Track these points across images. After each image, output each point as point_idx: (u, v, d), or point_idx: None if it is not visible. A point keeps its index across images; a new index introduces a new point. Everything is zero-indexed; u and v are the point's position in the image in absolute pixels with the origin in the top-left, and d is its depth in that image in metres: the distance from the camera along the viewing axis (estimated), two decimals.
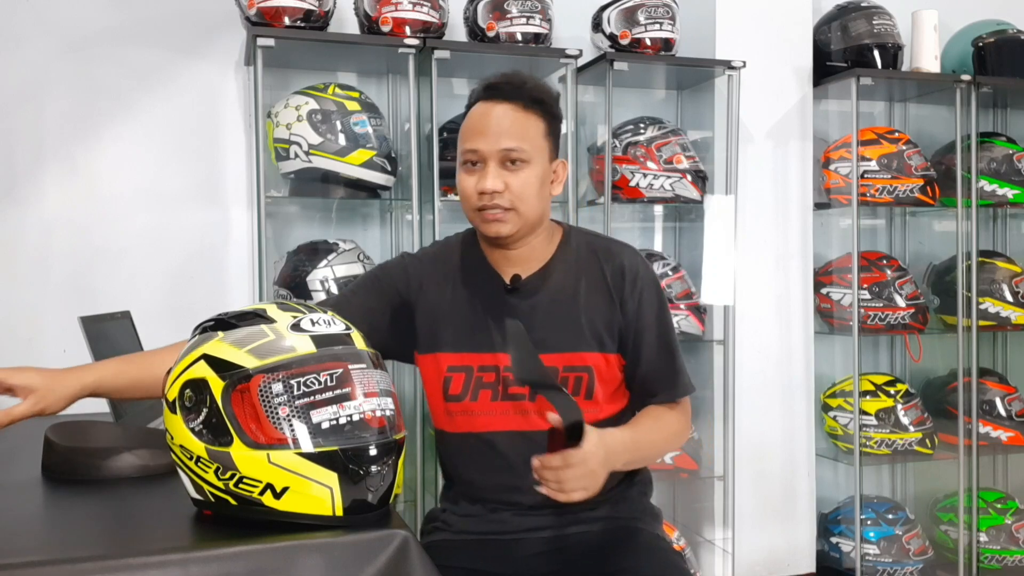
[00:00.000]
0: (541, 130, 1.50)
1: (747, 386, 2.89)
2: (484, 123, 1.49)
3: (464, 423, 1.54)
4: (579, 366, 1.51)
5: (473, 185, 1.48)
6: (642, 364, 1.55)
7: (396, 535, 1.11)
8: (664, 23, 2.69)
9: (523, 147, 1.47)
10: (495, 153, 1.47)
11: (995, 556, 3.07)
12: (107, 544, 1.15)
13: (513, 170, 1.47)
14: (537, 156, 1.49)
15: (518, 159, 1.47)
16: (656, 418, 1.54)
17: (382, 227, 2.81)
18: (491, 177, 1.46)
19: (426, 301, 1.56)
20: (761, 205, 2.93)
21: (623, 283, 1.54)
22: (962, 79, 3.02)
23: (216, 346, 1.16)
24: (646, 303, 1.55)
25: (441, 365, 1.54)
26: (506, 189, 1.46)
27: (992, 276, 3.11)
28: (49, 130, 2.55)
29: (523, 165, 1.47)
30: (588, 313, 1.53)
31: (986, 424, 3.10)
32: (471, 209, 1.50)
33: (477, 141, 1.48)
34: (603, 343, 1.53)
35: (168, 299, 2.60)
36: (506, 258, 1.55)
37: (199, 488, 1.16)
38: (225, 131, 2.69)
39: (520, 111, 1.49)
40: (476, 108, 1.53)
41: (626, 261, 1.56)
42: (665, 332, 1.57)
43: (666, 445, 1.59)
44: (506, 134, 1.47)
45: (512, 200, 1.47)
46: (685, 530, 2.87)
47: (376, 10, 2.50)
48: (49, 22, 2.55)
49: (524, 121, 1.49)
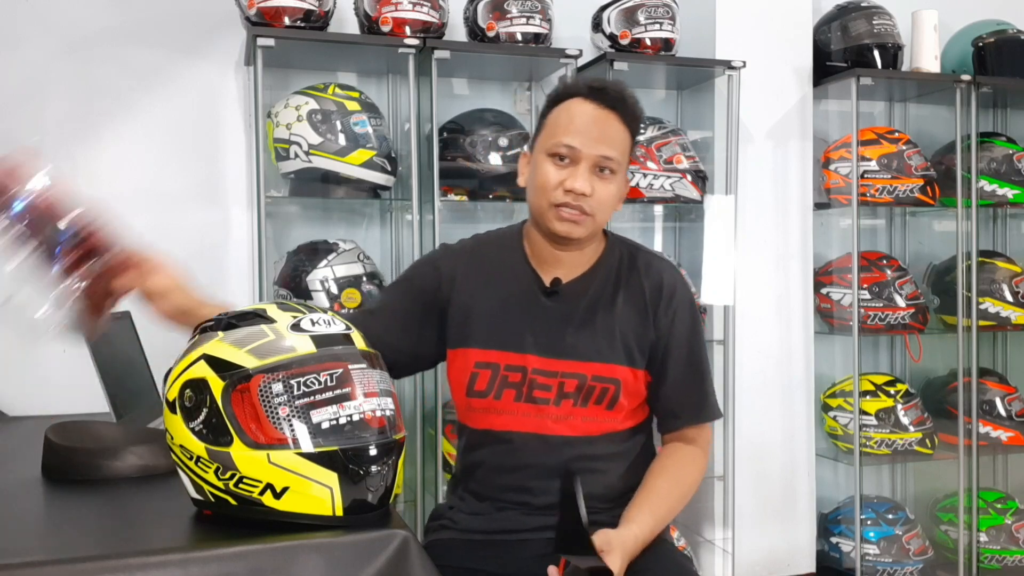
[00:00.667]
0: (629, 146, 1.51)
1: (747, 386, 2.89)
2: (586, 123, 1.47)
3: (483, 420, 1.54)
4: (607, 377, 1.51)
5: (559, 179, 1.46)
6: (668, 382, 1.54)
7: (396, 535, 1.12)
8: (664, 23, 2.69)
9: (616, 157, 1.47)
10: (592, 156, 1.46)
11: (995, 556, 3.07)
12: (107, 544, 1.15)
13: (602, 178, 1.47)
14: (621, 170, 1.50)
15: (609, 168, 1.47)
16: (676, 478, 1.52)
17: (382, 227, 2.81)
18: (582, 179, 1.45)
19: (458, 295, 1.56)
20: (761, 205, 2.93)
21: (660, 299, 1.54)
22: (962, 79, 3.02)
23: (216, 346, 1.16)
24: (679, 321, 1.54)
25: (469, 360, 1.53)
26: (592, 194, 1.46)
27: (992, 276, 3.11)
28: (49, 130, 2.55)
29: (611, 176, 1.48)
30: (622, 325, 1.52)
31: (986, 424, 3.10)
32: (547, 202, 1.48)
33: (576, 139, 1.46)
34: (633, 357, 1.52)
35: None
36: (554, 259, 1.55)
37: (199, 488, 1.16)
38: (225, 131, 2.68)
39: (620, 123, 1.49)
40: (577, 105, 1.49)
41: (665, 277, 1.56)
42: (695, 353, 1.56)
43: (684, 503, 1.55)
44: (607, 141, 1.47)
45: (593, 207, 1.47)
46: (685, 530, 2.87)
47: (376, 10, 2.50)
48: (49, 22, 2.55)
49: (622, 134, 1.49)
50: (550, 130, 1.50)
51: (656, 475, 1.52)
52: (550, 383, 1.51)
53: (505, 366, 1.51)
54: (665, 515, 1.49)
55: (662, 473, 1.52)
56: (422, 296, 1.58)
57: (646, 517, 1.44)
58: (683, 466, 1.54)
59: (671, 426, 1.57)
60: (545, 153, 1.49)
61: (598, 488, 1.51)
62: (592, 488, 1.51)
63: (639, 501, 1.48)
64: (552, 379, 1.51)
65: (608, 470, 1.53)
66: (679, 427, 1.57)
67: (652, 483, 1.51)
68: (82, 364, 1.84)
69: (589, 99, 1.48)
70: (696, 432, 1.58)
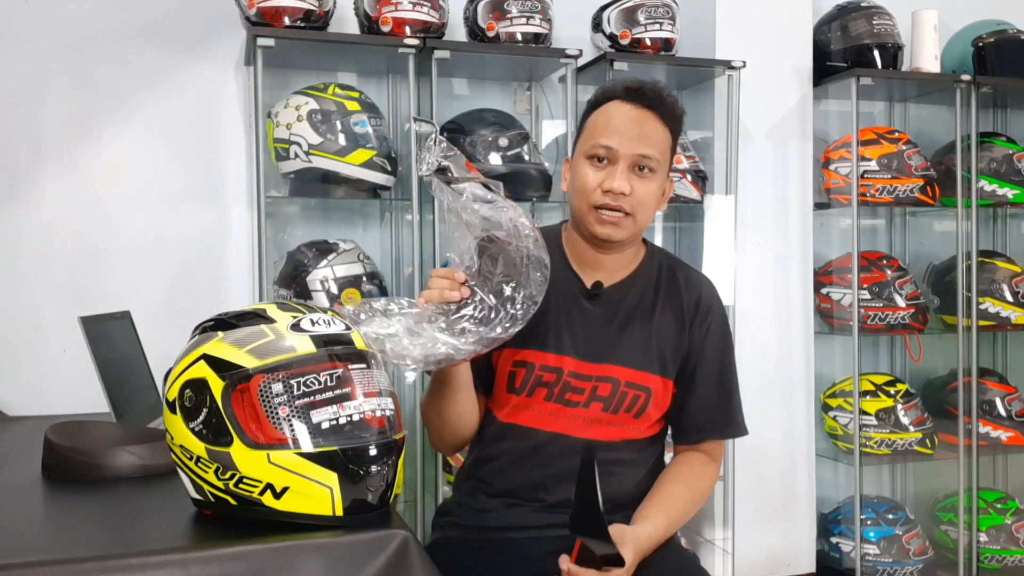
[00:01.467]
0: (669, 144, 1.51)
1: (747, 386, 2.86)
2: (624, 123, 1.47)
3: (512, 414, 1.54)
4: (640, 384, 1.52)
5: (598, 181, 1.47)
6: (695, 396, 1.55)
7: (396, 535, 1.12)
8: (664, 23, 2.69)
9: (656, 156, 1.47)
10: (630, 156, 1.47)
11: (995, 556, 3.07)
12: (107, 544, 1.15)
13: (641, 176, 1.47)
14: (661, 169, 1.50)
15: (648, 167, 1.47)
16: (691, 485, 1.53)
17: (382, 227, 2.81)
18: (621, 178, 1.45)
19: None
20: (761, 205, 2.93)
21: (696, 313, 1.56)
22: (962, 79, 3.02)
23: (216, 346, 1.16)
24: (712, 336, 1.56)
25: (508, 359, 1.53)
26: (632, 193, 1.46)
27: (992, 276, 3.11)
28: (49, 130, 2.55)
29: (651, 175, 1.48)
30: (659, 335, 1.53)
31: (986, 424, 3.10)
32: (587, 204, 1.49)
33: (613, 139, 1.47)
34: (666, 368, 1.53)
35: (168, 299, 2.60)
36: (595, 262, 1.55)
37: (199, 488, 1.16)
38: (225, 131, 2.69)
39: (658, 120, 1.48)
40: (614, 107, 1.50)
41: (704, 293, 1.58)
42: (725, 370, 1.58)
43: (695, 510, 1.56)
44: (645, 140, 1.47)
45: (634, 206, 1.47)
46: (685, 530, 2.87)
47: (376, 10, 2.50)
48: (49, 22, 2.55)
49: (661, 132, 1.49)
50: (588, 133, 1.51)
51: (672, 480, 1.53)
52: (584, 387, 1.51)
53: (540, 366, 1.52)
54: (677, 520, 1.50)
55: (679, 479, 1.54)
56: None
57: (660, 518, 1.45)
58: (698, 475, 1.55)
59: (692, 439, 1.58)
60: (584, 156, 1.50)
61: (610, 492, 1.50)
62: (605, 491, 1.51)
63: (654, 502, 1.48)
64: (586, 383, 1.51)
65: (623, 475, 1.53)
66: (700, 440, 1.57)
67: (668, 487, 1.52)
68: (82, 364, 1.84)
69: (626, 100, 1.49)
70: (713, 445, 1.59)
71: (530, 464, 1.52)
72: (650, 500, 1.49)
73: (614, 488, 1.51)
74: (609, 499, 1.47)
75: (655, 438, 1.58)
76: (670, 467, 1.57)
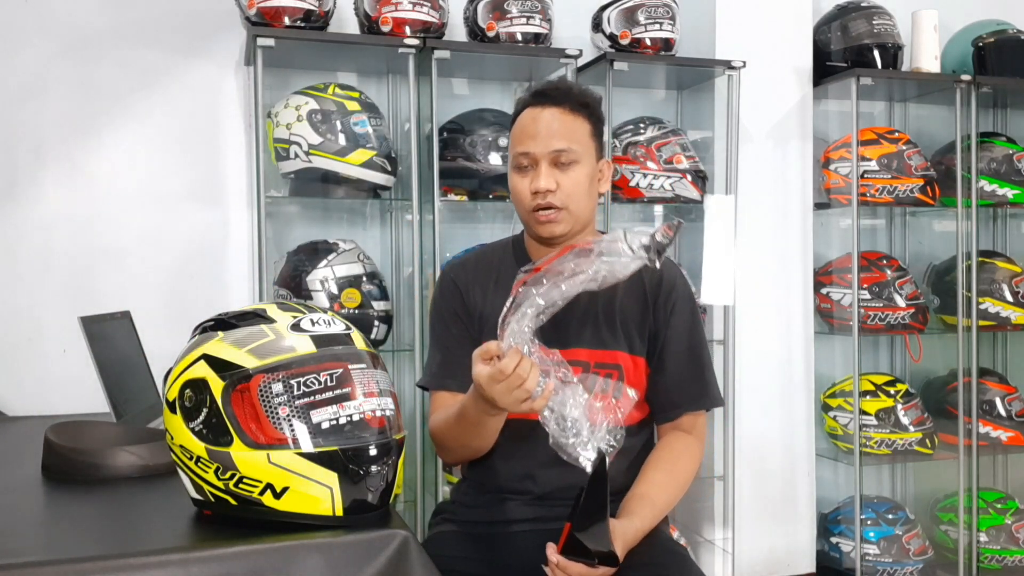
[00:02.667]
0: (587, 131, 1.56)
1: (747, 386, 2.89)
2: (535, 127, 1.55)
3: None
4: (609, 363, 1.55)
5: (527, 186, 1.54)
6: (667, 373, 1.58)
7: (396, 535, 1.12)
8: (664, 23, 2.69)
9: (572, 147, 1.53)
10: (546, 154, 1.53)
11: (995, 556, 3.07)
12: (107, 544, 1.15)
13: (563, 169, 1.54)
14: (585, 156, 1.55)
15: (568, 159, 1.53)
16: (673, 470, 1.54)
17: (382, 227, 2.81)
18: (543, 176, 1.52)
19: (474, 300, 1.62)
20: (761, 205, 2.93)
21: (659, 291, 1.59)
22: (962, 79, 3.02)
23: (216, 346, 1.16)
24: (678, 313, 1.59)
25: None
26: (558, 188, 1.53)
27: (992, 276, 3.11)
28: (49, 130, 2.55)
29: (573, 165, 1.54)
30: (623, 314, 1.57)
31: (986, 424, 3.10)
32: (525, 211, 1.57)
33: (528, 144, 1.54)
34: (633, 344, 1.57)
35: (168, 299, 2.60)
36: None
37: (199, 488, 1.16)
38: (225, 131, 2.69)
39: (568, 114, 1.55)
40: (525, 113, 1.58)
41: (666, 273, 1.60)
42: (695, 345, 1.60)
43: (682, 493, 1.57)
44: (556, 136, 1.53)
45: (564, 199, 1.53)
46: (685, 530, 2.87)
47: (376, 10, 2.50)
48: (49, 22, 2.55)
49: (572, 123, 1.55)
50: (510, 145, 1.59)
51: (654, 467, 1.54)
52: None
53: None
54: (663, 507, 1.51)
55: (660, 465, 1.55)
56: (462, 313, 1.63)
57: (646, 510, 1.46)
58: (680, 458, 1.56)
59: (670, 415, 1.60)
60: (512, 168, 1.58)
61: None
62: None
63: (639, 493, 1.50)
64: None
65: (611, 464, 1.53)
66: (678, 415, 1.59)
67: (651, 475, 1.53)
68: (82, 364, 1.84)
69: (534, 104, 1.57)
70: (692, 420, 1.60)
71: (516, 456, 1.55)
72: (635, 491, 1.51)
73: None
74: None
75: (641, 425, 1.60)
76: (652, 453, 1.58)
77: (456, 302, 1.63)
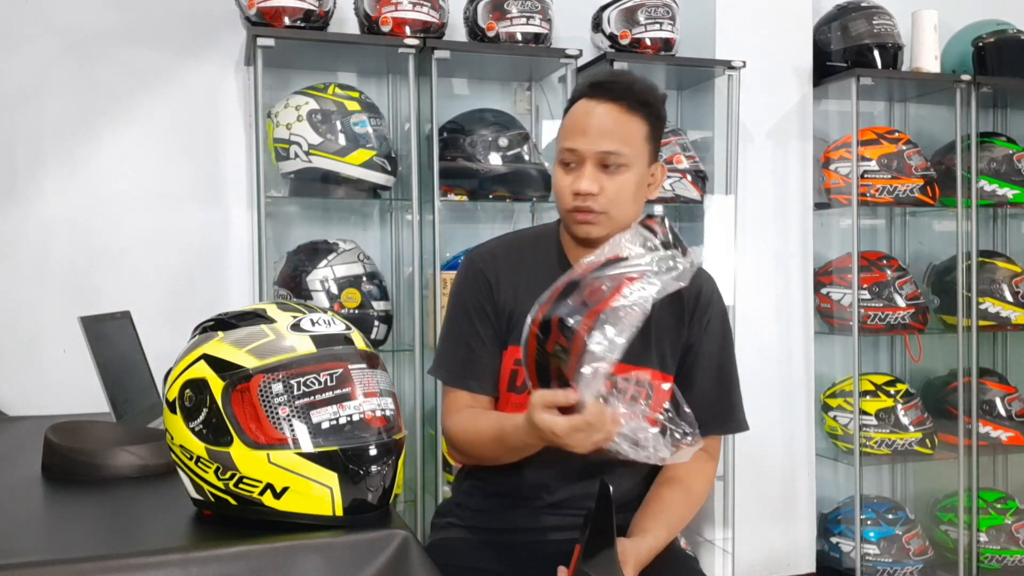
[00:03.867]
0: (643, 133, 1.46)
1: (747, 386, 2.86)
2: (585, 122, 1.44)
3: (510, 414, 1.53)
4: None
5: (568, 185, 1.45)
6: (694, 389, 1.51)
7: (396, 535, 1.11)
8: (664, 23, 2.69)
9: (623, 150, 1.43)
10: (593, 154, 1.43)
11: (995, 556, 3.07)
12: (107, 544, 1.15)
13: (610, 173, 1.44)
14: (636, 160, 1.45)
15: (616, 163, 1.43)
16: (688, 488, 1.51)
17: (382, 227, 2.81)
18: (587, 179, 1.43)
19: (502, 296, 1.53)
20: (761, 205, 2.93)
21: (696, 306, 1.53)
22: (962, 79, 3.02)
23: (216, 346, 1.16)
24: (711, 330, 1.54)
25: (510, 358, 1.52)
26: (601, 192, 1.43)
27: (992, 276, 3.11)
28: (49, 130, 2.55)
29: (621, 169, 1.44)
30: (658, 329, 1.50)
31: (986, 424, 3.10)
32: (564, 208, 1.48)
33: (576, 140, 1.44)
34: (664, 362, 1.51)
35: (168, 299, 2.60)
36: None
37: (199, 488, 1.16)
38: (225, 131, 2.69)
39: (624, 112, 1.44)
40: (578, 106, 1.47)
41: (704, 287, 1.55)
42: (725, 364, 1.55)
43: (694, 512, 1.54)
44: (607, 136, 1.43)
45: (606, 204, 1.44)
46: (685, 530, 2.87)
47: (376, 10, 2.50)
48: (49, 22, 2.55)
49: (627, 123, 1.44)
50: (559, 137, 1.50)
51: (669, 485, 1.51)
52: None
53: None
54: (677, 526, 1.48)
55: (675, 483, 1.51)
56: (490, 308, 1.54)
57: (660, 529, 1.43)
58: (695, 476, 1.53)
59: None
60: (557, 162, 1.49)
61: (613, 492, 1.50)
62: None
63: (652, 511, 1.47)
64: None
65: (625, 475, 1.52)
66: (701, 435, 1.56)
67: (665, 493, 1.50)
68: (82, 364, 1.84)
69: (591, 97, 1.46)
70: (713, 442, 1.57)
71: (531, 464, 1.49)
72: (648, 508, 1.48)
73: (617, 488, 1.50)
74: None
75: None
76: (666, 469, 1.54)
77: (484, 297, 1.53)
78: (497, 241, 1.63)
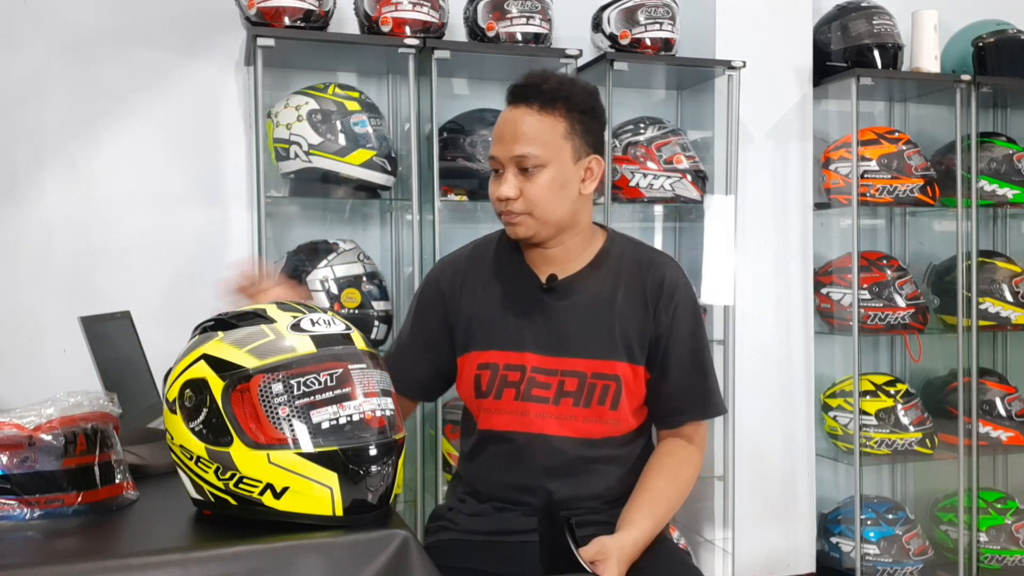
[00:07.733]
0: (560, 130, 1.47)
1: (747, 386, 2.89)
2: (501, 129, 1.48)
3: (487, 420, 1.54)
4: (607, 374, 1.50)
5: (494, 191, 1.49)
6: (670, 379, 1.53)
7: (396, 535, 1.12)
8: (664, 23, 2.69)
9: (534, 152, 1.45)
10: (508, 159, 1.47)
11: (995, 556, 3.07)
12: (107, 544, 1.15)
13: (529, 176, 1.46)
14: (555, 158, 1.46)
15: (532, 164, 1.45)
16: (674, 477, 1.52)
17: (382, 227, 2.81)
18: (505, 184, 1.47)
19: (461, 303, 1.57)
20: (761, 205, 2.93)
21: (660, 295, 1.53)
22: (962, 79, 3.02)
23: (216, 346, 1.16)
24: (680, 317, 1.53)
25: (473, 364, 1.54)
26: (520, 195, 1.46)
27: (992, 276, 3.11)
28: (49, 130, 2.55)
29: (538, 170, 1.46)
30: (622, 322, 1.51)
31: (986, 424, 3.10)
32: (497, 213, 1.52)
33: (495, 147, 1.49)
34: (633, 354, 1.51)
35: (168, 299, 2.60)
36: (543, 258, 1.55)
37: (199, 488, 1.16)
38: (225, 131, 2.69)
39: (534, 113, 1.46)
40: (502, 114, 1.51)
41: (668, 274, 1.55)
42: (698, 350, 1.55)
43: (681, 501, 1.55)
44: (519, 140, 1.45)
45: (526, 205, 1.47)
46: (685, 530, 2.87)
47: (376, 10, 2.50)
48: (49, 22, 2.55)
49: (538, 123, 1.46)
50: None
51: (655, 474, 1.51)
52: (549, 381, 1.51)
53: (504, 365, 1.52)
54: (664, 515, 1.49)
55: (661, 472, 1.52)
56: (435, 317, 1.60)
57: (646, 520, 1.44)
58: (681, 465, 1.53)
59: (673, 423, 1.56)
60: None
61: (597, 488, 1.51)
62: (591, 489, 1.51)
63: (638, 502, 1.47)
64: (551, 377, 1.51)
65: (608, 472, 1.52)
66: (681, 423, 1.56)
67: (651, 483, 1.50)
68: (82, 364, 1.84)
69: (508, 103, 1.50)
70: (694, 429, 1.57)
71: (514, 468, 1.52)
72: (634, 500, 1.48)
73: (601, 484, 1.51)
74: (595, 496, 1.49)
75: (638, 431, 1.56)
76: (652, 459, 1.54)
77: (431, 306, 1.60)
78: (466, 248, 1.68)
